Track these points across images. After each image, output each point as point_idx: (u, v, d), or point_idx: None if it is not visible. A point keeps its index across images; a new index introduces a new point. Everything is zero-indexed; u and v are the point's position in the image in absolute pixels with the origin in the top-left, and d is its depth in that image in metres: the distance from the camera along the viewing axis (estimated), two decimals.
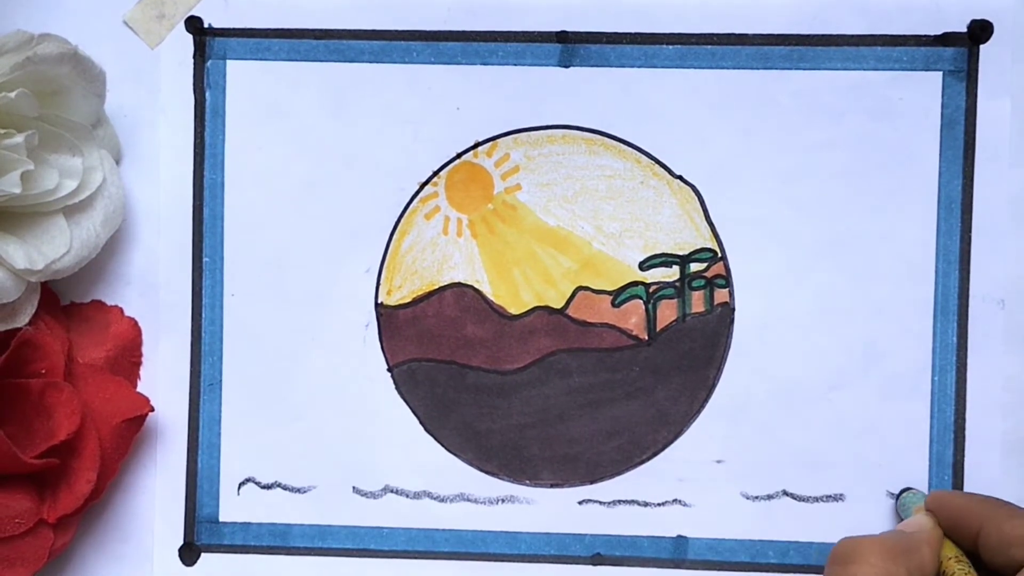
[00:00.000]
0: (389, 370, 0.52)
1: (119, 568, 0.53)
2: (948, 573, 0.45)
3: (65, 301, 0.52)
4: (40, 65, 0.47)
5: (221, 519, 0.52)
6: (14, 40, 0.46)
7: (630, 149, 0.52)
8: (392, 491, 0.52)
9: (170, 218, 0.52)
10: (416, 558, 0.52)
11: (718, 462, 0.51)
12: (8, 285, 0.48)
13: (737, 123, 0.51)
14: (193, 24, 0.52)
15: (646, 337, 0.52)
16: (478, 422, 0.52)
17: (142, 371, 0.53)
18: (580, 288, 0.52)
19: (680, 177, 0.51)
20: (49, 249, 0.49)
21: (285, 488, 0.52)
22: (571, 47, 0.51)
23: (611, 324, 0.52)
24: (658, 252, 0.52)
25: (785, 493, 0.51)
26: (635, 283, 0.52)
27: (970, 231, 0.51)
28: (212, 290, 0.52)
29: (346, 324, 0.52)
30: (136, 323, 0.52)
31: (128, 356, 0.52)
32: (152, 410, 0.51)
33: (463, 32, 0.52)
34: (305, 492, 0.52)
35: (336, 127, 0.52)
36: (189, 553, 0.52)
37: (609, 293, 0.52)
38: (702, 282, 0.51)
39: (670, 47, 0.51)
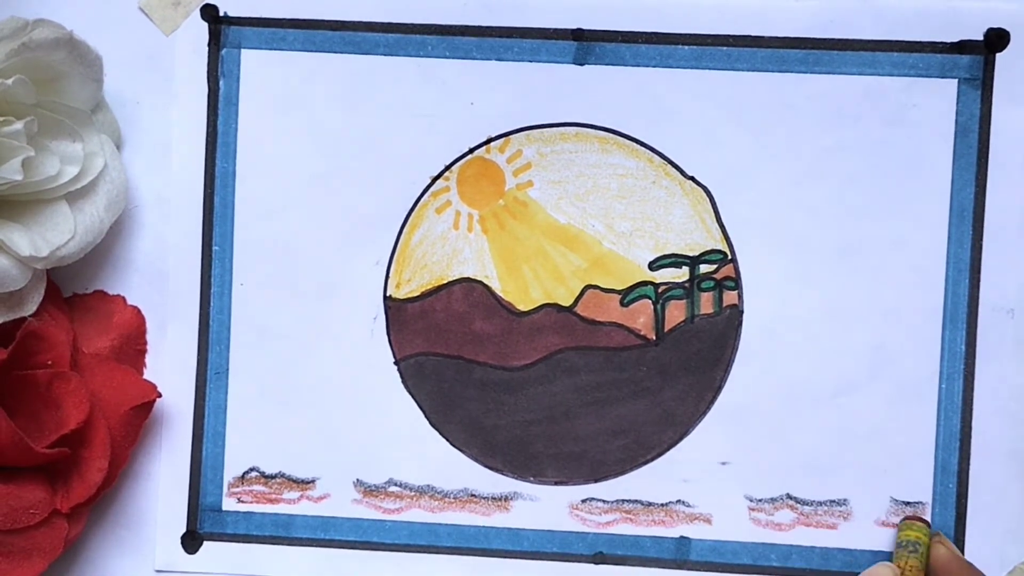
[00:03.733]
0: (396, 363, 0.52)
1: (121, 555, 0.53)
2: None
3: (75, 287, 0.52)
4: (36, 51, 0.47)
5: (224, 508, 0.52)
6: (8, 27, 0.46)
7: (643, 149, 0.51)
8: (396, 484, 0.52)
9: (180, 206, 0.52)
10: (418, 552, 0.52)
11: (723, 464, 0.51)
12: (14, 273, 0.48)
13: (751, 125, 0.51)
14: (208, 12, 0.52)
15: (654, 337, 0.52)
16: (484, 418, 0.52)
17: (149, 358, 0.53)
18: (589, 286, 0.52)
19: (692, 178, 0.51)
20: (53, 235, 0.49)
21: (289, 478, 0.52)
22: (587, 45, 0.51)
23: (619, 323, 0.52)
24: (668, 252, 0.52)
25: (789, 496, 0.51)
26: (644, 283, 0.52)
27: (981, 239, 0.51)
28: (221, 279, 0.52)
29: (354, 316, 0.52)
30: (139, 311, 0.52)
31: (133, 344, 0.52)
32: (159, 396, 0.51)
33: (479, 27, 0.51)
34: (309, 483, 0.52)
35: (349, 119, 0.52)
36: (191, 541, 0.53)
37: (618, 292, 0.52)
38: (711, 283, 0.51)
39: (685, 47, 0.51)
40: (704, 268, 0.52)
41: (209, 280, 0.53)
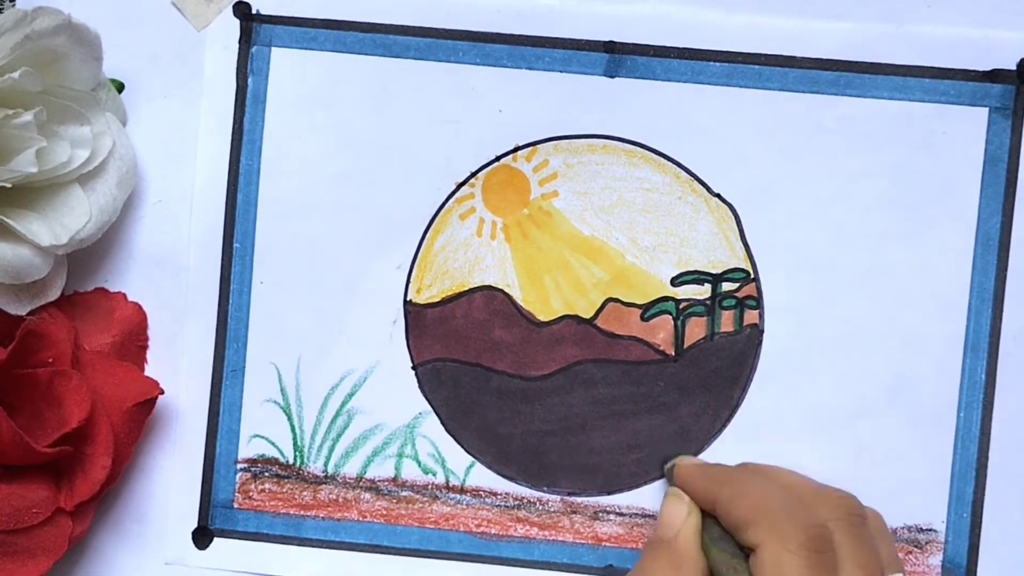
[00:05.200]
0: (413, 368, 0.52)
1: (131, 548, 0.53)
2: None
3: (94, 280, 0.52)
4: (38, 40, 0.47)
5: (236, 505, 0.52)
6: (10, 19, 0.46)
7: (670, 164, 0.51)
8: (409, 489, 0.52)
9: (203, 201, 0.52)
10: (429, 558, 0.52)
11: None
12: (37, 262, 0.48)
13: (779, 145, 0.51)
14: (241, 9, 0.52)
15: (673, 353, 0.52)
16: (499, 426, 0.52)
17: (165, 354, 0.52)
18: (610, 299, 0.52)
19: (718, 195, 0.51)
20: (70, 221, 0.49)
21: (302, 479, 0.52)
22: (618, 58, 0.51)
23: (639, 338, 0.52)
24: (691, 269, 0.52)
25: None
26: (666, 298, 0.52)
27: (1006, 269, 0.50)
28: (241, 276, 0.52)
29: (374, 319, 0.52)
30: (140, 308, 0.52)
31: (134, 341, 0.52)
32: (162, 392, 0.51)
33: (511, 35, 0.51)
34: (321, 484, 0.52)
35: (377, 121, 0.52)
36: (202, 537, 0.52)
37: (639, 306, 0.52)
38: (733, 302, 0.51)
39: (717, 64, 0.51)
40: (726, 286, 0.51)
41: (229, 277, 0.52)
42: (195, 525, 0.53)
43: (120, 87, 0.51)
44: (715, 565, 0.45)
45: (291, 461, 0.52)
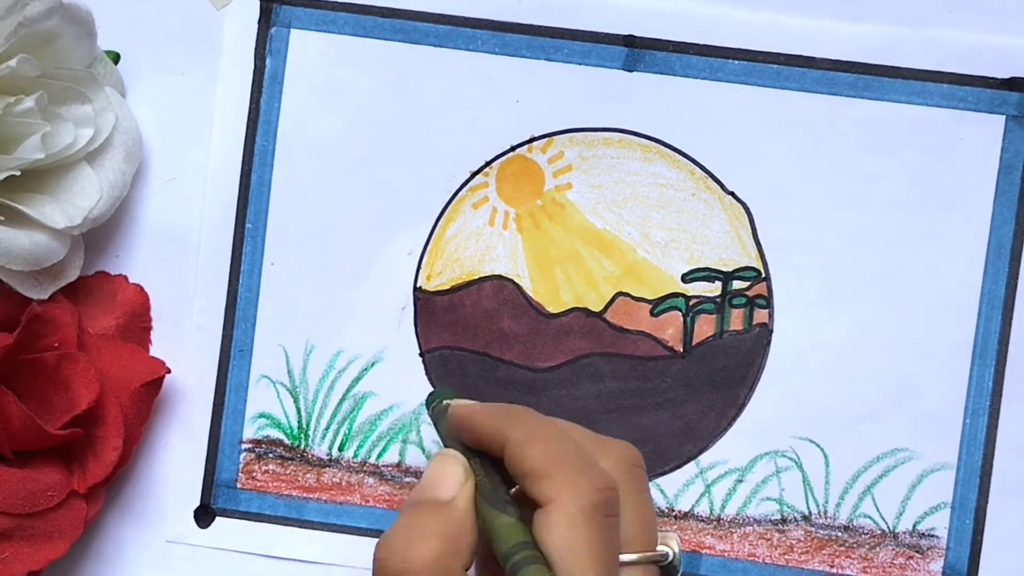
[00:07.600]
0: (421, 355, 0.52)
1: (133, 525, 0.53)
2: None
3: (107, 256, 0.52)
4: (31, 26, 0.46)
5: (239, 486, 0.52)
6: (1, 7, 0.46)
7: (685, 160, 0.51)
8: (412, 475, 0.52)
9: (217, 181, 0.52)
10: None
11: (740, 481, 0.51)
12: (54, 246, 0.48)
13: (795, 145, 0.51)
14: None
15: (681, 349, 0.52)
16: None
17: (173, 331, 0.52)
18: (620, 293, 0.52)
19: (732, 193, 0.51)
20: (82, 200, 0.49)
21: (306, 461, 0.52)
22: (637, 52, 0.51)
23: (647, 333, 0.52)
24: (702, 266, 0.52)
25: (805, 519, 0.51)
26: (676, 294, 0.52)
27: (1017, 277, 0.50)
28: (252, 257, 0.52)
29: (383, 305, 0.52)
30: (143, 289, 0.52)
31: (138, 322, 0.52)
32: (168, 371, 0.51)
33: (530, 26, 0.51)
34: (325, 467, 0.52)
35: (393, 107, 0.52)
36: (204, 515, 0.53)
37: (649, 301, 0.52)
38: (743, 300, 0.51)
39: (736, 62, 0.51)
40: (737, 284, 0.51)
41: (240, 257, 0.52)
42: (197, 504, 0.53)
43: (116, 58, 0.51)
44: (491, 528, 0.40)
45: (296, 443, 0.52)
